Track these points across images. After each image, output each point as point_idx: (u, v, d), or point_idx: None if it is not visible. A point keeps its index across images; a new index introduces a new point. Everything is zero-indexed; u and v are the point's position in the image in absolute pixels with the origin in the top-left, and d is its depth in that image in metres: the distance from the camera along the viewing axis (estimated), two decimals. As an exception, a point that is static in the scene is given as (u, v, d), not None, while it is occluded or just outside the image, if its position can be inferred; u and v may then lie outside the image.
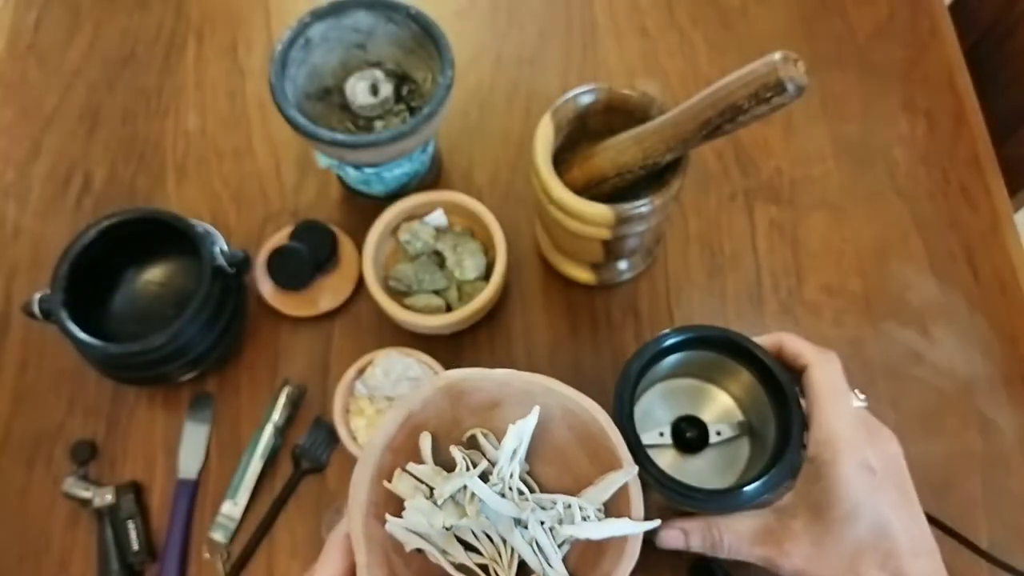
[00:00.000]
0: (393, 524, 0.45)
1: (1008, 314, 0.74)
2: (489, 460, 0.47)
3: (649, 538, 0.49)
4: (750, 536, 0.50)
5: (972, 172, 0.80)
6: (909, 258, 0.77)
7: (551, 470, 0.48)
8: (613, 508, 0.46)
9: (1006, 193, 0.80)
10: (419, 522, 0.44)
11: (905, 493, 0.50)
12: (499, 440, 0.47)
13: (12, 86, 0.87)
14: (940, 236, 0.78)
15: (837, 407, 0.50)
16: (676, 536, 0.52)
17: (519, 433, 0.46)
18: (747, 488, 0.49)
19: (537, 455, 0.48)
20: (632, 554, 0.44)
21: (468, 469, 0.46)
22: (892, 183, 0.80)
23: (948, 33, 0.87)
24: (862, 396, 0.56)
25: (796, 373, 0.53)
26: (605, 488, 0.46)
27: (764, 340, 0.54)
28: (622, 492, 0.46)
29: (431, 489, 0.45)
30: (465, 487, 0.45)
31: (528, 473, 0.48)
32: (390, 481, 0.46)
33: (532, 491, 0.47)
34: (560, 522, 0.45)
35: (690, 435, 0.57)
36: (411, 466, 0.46)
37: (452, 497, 0.45)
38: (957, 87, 0.84)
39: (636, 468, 0.46)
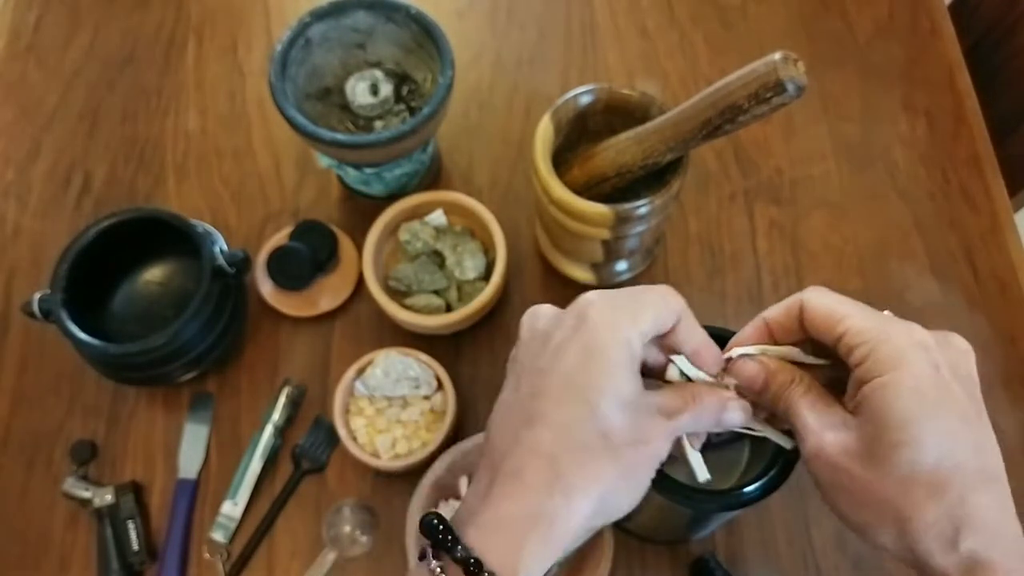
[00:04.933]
0: None
1: (1008, 314, 0.74)
2: None
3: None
4: (820, 411, 0.40)
5: (972, 172, 0.80)
6: (909, 258, 0.77)
7: None
8: (594, 544, 0.62)
9: (1006, 193, 0.80)
10: None
11: (975, 402, 0.39)
12: None
13: (12, 86, 0.87)
14: (940, 236, 0.78)
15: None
16: (755, 371, 0.42)
17: None
18: (747, 488, 0.49)
19: None
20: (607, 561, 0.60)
21: None
22: (892, 183, 0.80)
23: (948, 33, 0.87)
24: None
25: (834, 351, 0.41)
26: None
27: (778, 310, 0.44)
28: (602, 533, 0.61)
29: None
30: None
31: None
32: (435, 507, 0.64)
33: None
34: None
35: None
36: (452, 500, 0.65)
37: None
38: (957, 87, 0.84)
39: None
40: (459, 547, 0.36)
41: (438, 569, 0.37)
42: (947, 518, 0.37)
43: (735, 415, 0.42)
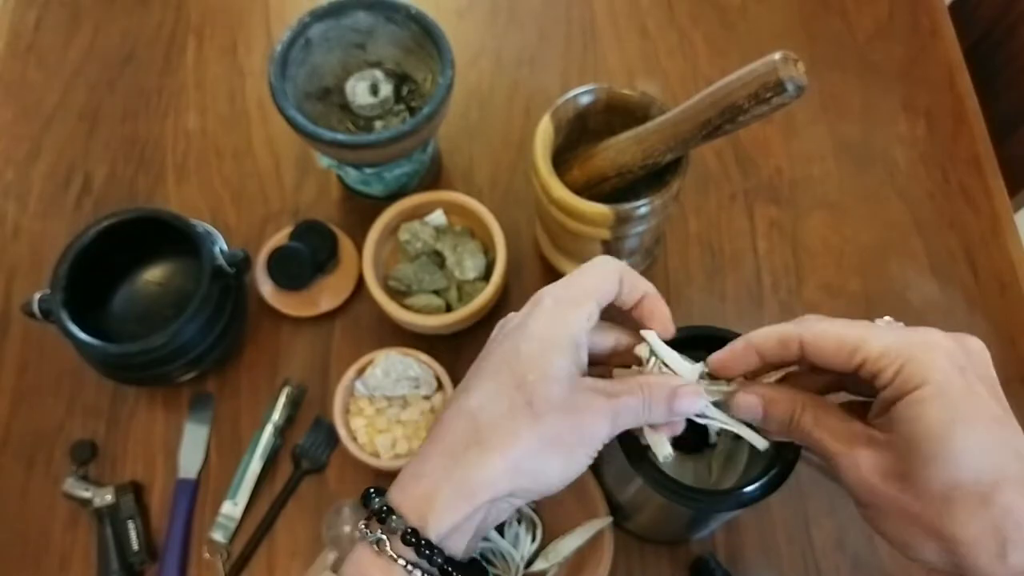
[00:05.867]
0: None
1: (1008, 314, 0.74)
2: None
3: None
4: (839, 433, 0.40)
5: (972, 172, 0.80)
6: (909, 258, 0.77)
7: (551, 510, 0.65)
8: (594, 544, 0.62)
9: (1006, 193, 0.80)
10: None
11: (1001, 402, 0.38)
12: None
13: (12, 86, 0.87)
14: (940, 236, 0.78)
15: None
16: (753, 404, 0.42)
17: None
18: (747, 488, 0.49)
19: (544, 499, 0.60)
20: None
21: None
22: (892, 183, 0.80)
23: (948, 33, 0.87)
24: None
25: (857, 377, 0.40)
26: (589, 528, 0.62)
27: (769, 338, 0.42)
28: (602, 533, 0.62)
29: None
30: None
31: (534, 511, 0.65)
32: None
33: (535, 525, 0.65)
34: None
35: (690, 435, 0.56)
36: None
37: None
38: (957, 87, 0.84)
39: (611, 518, 0.62)
40: (376, 499, 0.39)
41: (363, 525, 0.39)
42: (992, 531, 0.35)
43: (686, 402, 0.41)
